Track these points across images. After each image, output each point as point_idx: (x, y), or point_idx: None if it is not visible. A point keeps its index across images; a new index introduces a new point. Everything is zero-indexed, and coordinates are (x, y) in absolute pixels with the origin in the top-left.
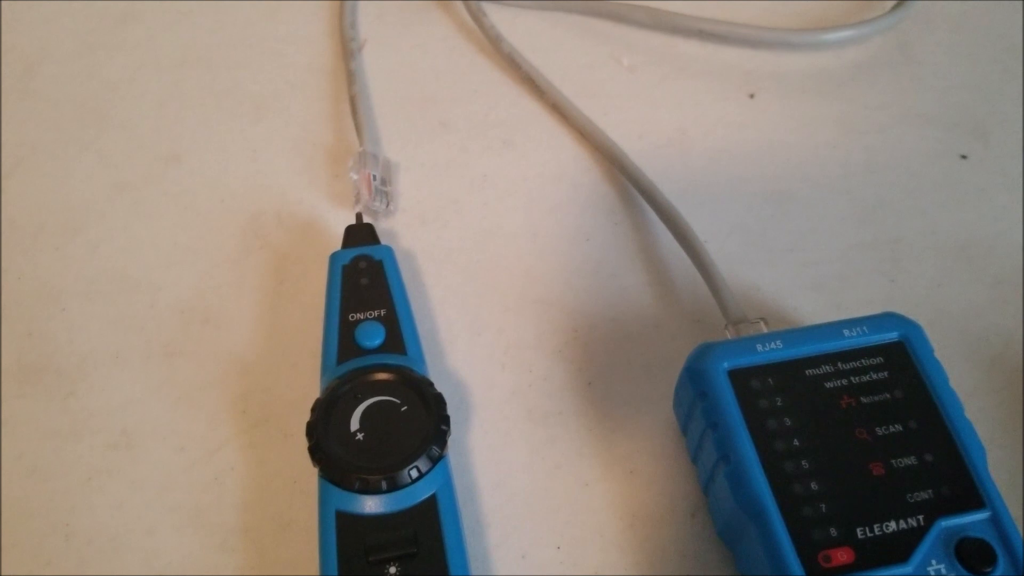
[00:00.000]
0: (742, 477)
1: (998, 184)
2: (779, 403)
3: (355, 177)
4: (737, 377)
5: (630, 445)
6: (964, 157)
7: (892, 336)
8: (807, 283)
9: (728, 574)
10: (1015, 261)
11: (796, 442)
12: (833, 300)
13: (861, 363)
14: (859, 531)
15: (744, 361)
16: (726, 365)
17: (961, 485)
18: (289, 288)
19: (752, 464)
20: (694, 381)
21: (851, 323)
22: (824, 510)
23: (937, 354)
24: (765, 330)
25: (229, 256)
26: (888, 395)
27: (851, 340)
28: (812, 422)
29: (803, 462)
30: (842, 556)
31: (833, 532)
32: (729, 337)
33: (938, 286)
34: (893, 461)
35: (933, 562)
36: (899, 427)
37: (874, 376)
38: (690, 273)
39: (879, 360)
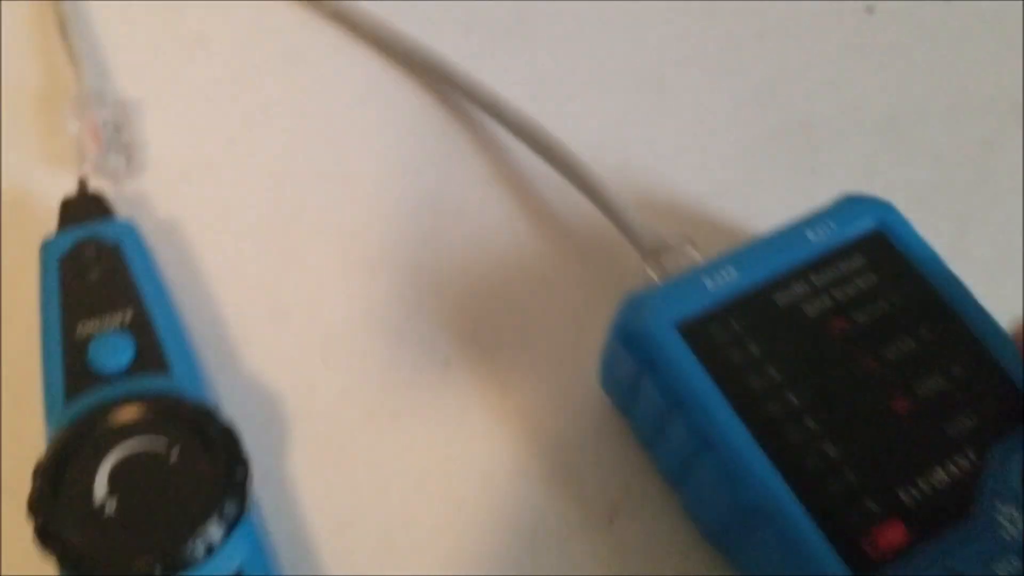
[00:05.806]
0: (736, 466)
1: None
2: (755, 352)
3: (76, 127)
4: (692, 330)
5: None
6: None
7: (867, 225)
8: (714, 187)
9: None
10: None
11: (792, 398)
12: (754, 202)
13: (840, 270)
14: (902, 494)
15: (695, 307)
16: (674, 317)
17: (1004, 393)
18: None
19: (745, 444)
20: (634, 349)
21: (813, 222)
22: (852, 479)
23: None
24: (698, 257)
25: None
26: (885, 303)
27: (819, 244)
28: (804, 364)
29: (808, 422)
30: (891, 534)
31: (872, 506)
32: (651, 273)
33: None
34: (915, 387)
35: (998, 505)
36: (911, 341)
37: (861, 284)
38: (569, 198)
39: (861, 261)
